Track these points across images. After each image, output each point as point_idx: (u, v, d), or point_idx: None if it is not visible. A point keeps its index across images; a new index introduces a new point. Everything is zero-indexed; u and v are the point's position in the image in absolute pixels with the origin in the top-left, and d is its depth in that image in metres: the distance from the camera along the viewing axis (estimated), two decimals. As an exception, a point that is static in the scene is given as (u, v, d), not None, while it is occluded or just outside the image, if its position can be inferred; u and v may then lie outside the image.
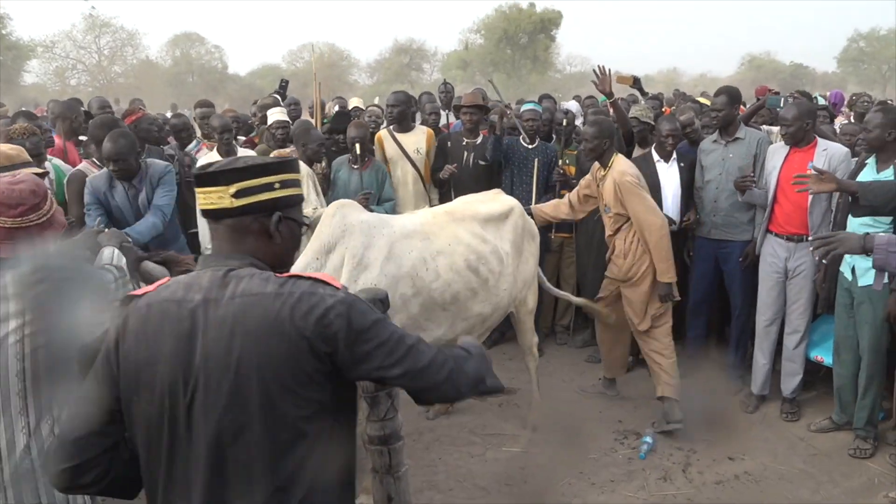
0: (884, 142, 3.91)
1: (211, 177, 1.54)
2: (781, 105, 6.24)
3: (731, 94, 4.86)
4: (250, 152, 5.32)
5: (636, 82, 6.81)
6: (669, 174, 4.98)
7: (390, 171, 5.30)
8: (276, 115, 5.76)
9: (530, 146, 5.47)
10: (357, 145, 4.96)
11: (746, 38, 72.83)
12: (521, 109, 5.73)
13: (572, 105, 8.44)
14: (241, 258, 1.55)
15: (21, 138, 4.01)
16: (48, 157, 4.53)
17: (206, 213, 1.58)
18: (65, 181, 4.32)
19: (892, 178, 3.84)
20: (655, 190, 4.73)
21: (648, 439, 4.27)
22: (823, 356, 4.52)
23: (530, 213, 4.47)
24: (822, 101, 7.01)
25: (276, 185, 1.57)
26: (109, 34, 42.02)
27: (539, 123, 5.56)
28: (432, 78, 48.02)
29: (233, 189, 1.52)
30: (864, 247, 2.35)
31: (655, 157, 4.99)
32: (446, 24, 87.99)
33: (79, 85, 39.62)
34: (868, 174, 4.02)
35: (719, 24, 70.69)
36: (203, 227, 4.68)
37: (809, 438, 4.37)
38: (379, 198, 5.06)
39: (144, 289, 1.59)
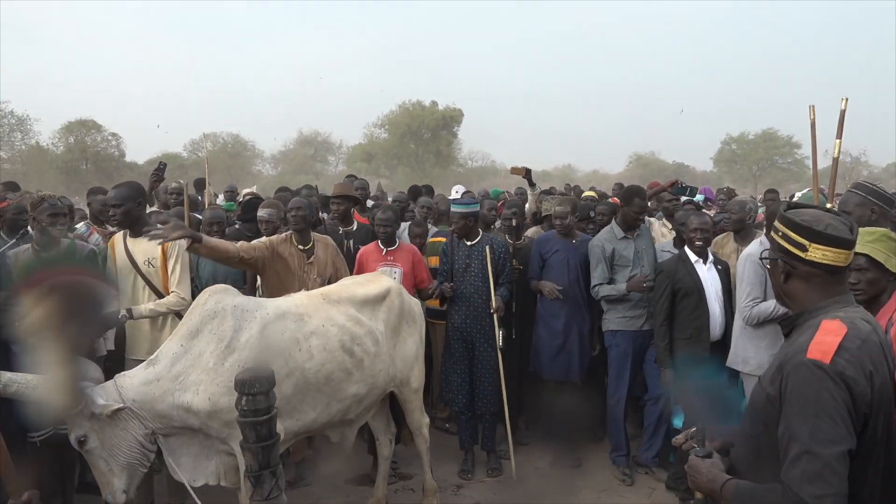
0: None
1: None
2: (687, 193, 6.87)
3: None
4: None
5: (528, 173, 7.27)
6: (710, 276, 4.61)
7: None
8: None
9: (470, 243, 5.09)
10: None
11: (633, 138, 78.28)
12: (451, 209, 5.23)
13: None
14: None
15: None
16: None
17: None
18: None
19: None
20: (699, 294, 4.51)
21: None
22: None
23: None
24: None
25: None
26: (-4, 119, 40.48)
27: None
28: (337, 170, 48.72)
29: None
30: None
31: (692, 257, 4.63)
32: (351, 117, 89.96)
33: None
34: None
35: (609, 125, 75.95)
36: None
37: None
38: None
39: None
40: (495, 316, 4.85)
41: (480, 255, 4.99)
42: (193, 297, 4.05)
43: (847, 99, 3.15)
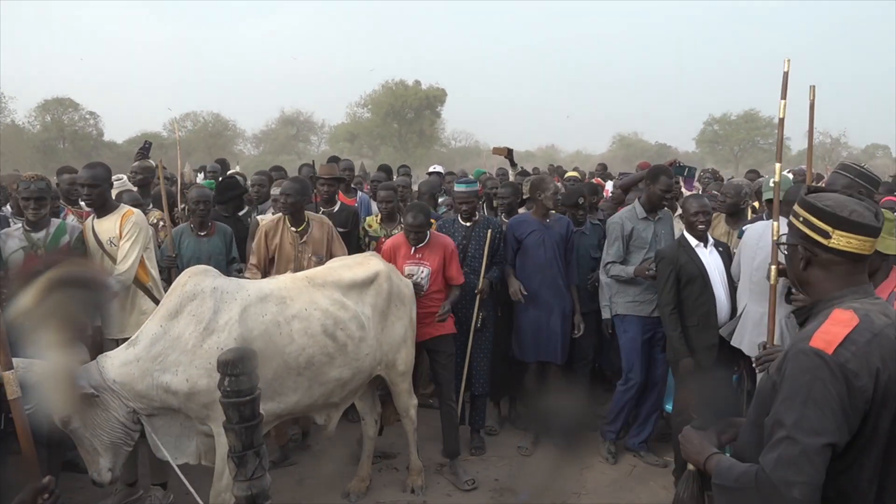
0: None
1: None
2: (686, 174, 6.82)
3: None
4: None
5: (509, 154, 7.34)
6: (712, 260, 4.45)
7: None
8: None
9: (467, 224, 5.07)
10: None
11: (616, 119, 78.26)
12: (456, 189, 5.26)
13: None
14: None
15: None
16: None
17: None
18: None
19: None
20: (703, 279, 4.34)
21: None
22: None
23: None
24: None
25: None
26: (-31, 97, 39.76)
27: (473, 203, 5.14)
28: (320, 150, 48.29)
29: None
30: None
31: (692, 241, 4.45)
32: (334, 96, 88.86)
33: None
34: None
35: (592, 106, 75.68)
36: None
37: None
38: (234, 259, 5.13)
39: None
40: (477, 297, 4.83)
41: (479, 236, 4.95)
42: (173, 278, 4.07)
43: (790, 60, 3.17)
